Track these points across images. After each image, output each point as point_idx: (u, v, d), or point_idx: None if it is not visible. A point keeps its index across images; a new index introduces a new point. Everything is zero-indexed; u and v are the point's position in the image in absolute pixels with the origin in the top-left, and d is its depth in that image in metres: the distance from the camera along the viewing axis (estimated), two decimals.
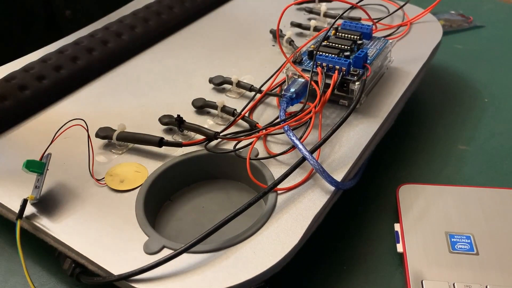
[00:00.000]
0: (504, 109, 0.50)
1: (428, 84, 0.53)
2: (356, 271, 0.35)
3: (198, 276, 0.29)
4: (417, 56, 0.46)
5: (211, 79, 0.44)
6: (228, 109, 0.39)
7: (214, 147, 0.37)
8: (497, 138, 0.47)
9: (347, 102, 0.40)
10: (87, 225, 0.32)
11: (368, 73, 0.39)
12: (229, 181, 0.38)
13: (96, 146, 0.37)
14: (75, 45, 0.46)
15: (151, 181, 0.34)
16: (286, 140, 0.37)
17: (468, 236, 0.35)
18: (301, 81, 0.39)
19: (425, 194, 0.39)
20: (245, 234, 0.31)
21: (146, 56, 0.48)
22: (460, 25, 0.64)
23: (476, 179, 0.42)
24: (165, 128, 0.39)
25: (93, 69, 0.45)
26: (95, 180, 0.35)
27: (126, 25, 0.49)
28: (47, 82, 0.42)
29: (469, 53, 0.59)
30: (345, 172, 0.35)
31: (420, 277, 0.33)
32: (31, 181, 0.33)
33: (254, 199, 0.31)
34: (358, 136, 0.38)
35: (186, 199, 0.36)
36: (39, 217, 0.32)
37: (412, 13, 0.52)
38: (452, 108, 0.50)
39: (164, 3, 0.53)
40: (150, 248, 0.30)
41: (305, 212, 0.32)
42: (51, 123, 0.40)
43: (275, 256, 0.29)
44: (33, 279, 0.34)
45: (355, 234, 0.38)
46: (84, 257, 0.30)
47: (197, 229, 0.34)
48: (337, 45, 0.41)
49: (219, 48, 0.49)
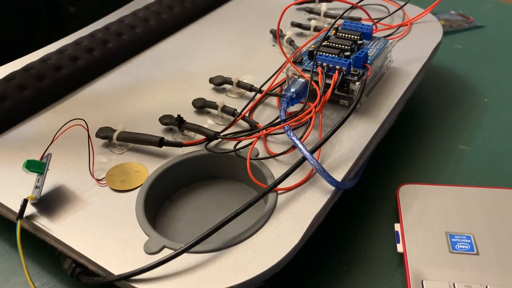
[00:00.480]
0: (504, 109, 0.50)
1: (428, 84, 0.53)
2: (356, 271, 0.35)
3: (198, 276, 0.29)
4: (417, 56, 0.46)
5: (211, 79, 0.44)
6: (228, 109, 0.39)
7: (214, 147, 0.37)
8: (497, 138, 0.47)
9: (347, 102, 0.40)
10: (87, 225, 0.32)
11: (368, 73, 0.39)
12: (229, 181, 0.38)
13: (96, 146, 0.37)
14: (75, 45, 0.46)
15: (151, 181, 0.34)
16: (286, 140, 0.37)
17: (468, 236, 0.35)
18: (301, 81, 0.39)
19: (425, 194, 0.39)
20: (245, 234, 0.31)
21: (146, 56, 0.48)
22: (460, 25, 0.64)
23: (476, 179, 0.42)
24: (165, 128, 0.39)
25: (93, 69, 0.45)
26: (95, 180, 0.35)
27: (126, 25, 0.49)
28: (47, 82, 0.42)
29: (469, 53, 0.59)
30: (345, 172, 0.35)
31: (420, 277, 0.33)
32: (31, 181, 0.33)
33: (254, 199, 0.31)
34: (358, 136, 0.38)
35: (186, 199, 0.36)
36: (39, 217, 0.32)
37: (412, 13, 0.52)
38: (452, 108, 0.50)
39: (164, 3, 0.53)
40: (150, 248, 0.30)
41: (305, 212, 0.32)
42: (51, 123, 0.40)
43: (275, 256, 0.29)
44: (33, 279, 0.35)
45: (355, 234, 0.38)
46: (84, 257, 0.30)
47: (197, 229, 0.34)
48: (337, 45, 0.41)
49: (220, 48, 0.49)
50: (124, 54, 0.48)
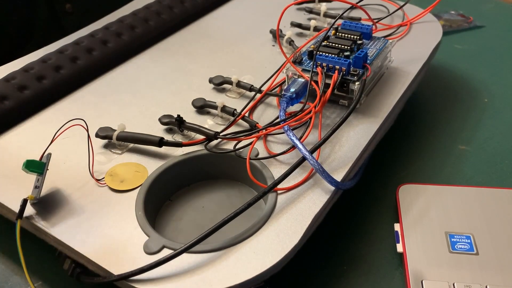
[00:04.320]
0: (504, 109, 0.50)
1: (428, 84, 0.53)
2: (356, 271, 0.35)
3: (198, 276, 0.29)
4: (417, 56, 0.46)
5: (211, 79, 0.44)
6: (228, 109, 0.39)
7: (214, 147, 0.37)
8: (497, 138, 0.47)
9: (347, 102, 0.40)
10: (87, 225, 0.32)
11: (368, 73, 0.39)
12: (229, 181, 0.38)
13: (96, 146, 0.37)
14: (75, 45, 0.46)
15: (151, 181, 0.34)
16: (286, 140, 0.37)
17: (468, 236, 0.35)
18: (301, 81, 0.39)
19: (425, 194, 0.39)
20: (245, 234, 0.31)
21: (146, 56, 0.48)
22: (460, 25, 0.64)
23: (476, 179, 0.42)
24: (165, 128, 0.39)
25: (93, 69, 0.45)
26: (95, 180, 0.35)
27: (126, 25, 0.49)
28: (47, 82, 0.42)
29: (469, 53, 0.59)
30: (345, 172, 0.35)
31: (420, 277, 0.33)
32: (31, 181, 0.33)
33: (254, 199, 0.31)
34: (358, 136, 0.38)
35: (186, 199, 0.36)
36: (39, 217, 0.32)
37: (412, 13, 0.52)
38: (452, 108, 0.50)
39: (164, 3, 0.53)
40: (150, 248, 0.30)
41: (305, 212, 0.32)
42: (51, 123, 0.40)
43: (275, 256, 0.29)
44: (33, 279, 0.35)
45: (355, 234, 0.38)
46: (84, 257, 0.30)
47: (197, 229, 0.34)
48: (337, 45, 0.41)
49: (219, 48, 0.49)
50: (124, 54, 0.48)
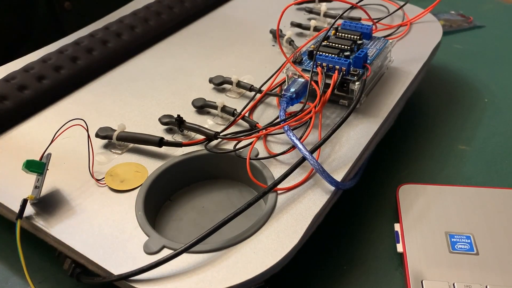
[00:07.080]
0: (504, 109, 0.50)
1: (428, 84, 0.53)
2: (356, 271, 0.35)
3: (198, 276, 0.29)
4: (417, 56, 0.46)
5: (211, 79, 0.44)
6: (228, 109, 0.39)
7: (214, 147, 0.37)
8: (497, 138, 0.47)
9: (347, 102, 0.40)
10: (87, 225, 0.32)
11: (368, 73, 0.39)
12: (229, 181, 0.38)
13: (96, 146, 0.37)
14: (75, 45, 0.46)
15: (151, 181, 0.34)
16: (286, 140, 0.37)
17: (468, 236, 0.35)
18: (301, 81, 0.39)
19: (425, 194, 0.39)
20: (245, 234, 0.31)
21: (146, 56, 0.48)
22: (460, 25, 0.64)
23: (476, 179, 0.42)
24: (165, 128, 0.39)
25: (93, 69, 0.45)
26: (95, 180, 0.35)
27: (126, 25, 0.49)
28: (47, 82, 0.42)
29: (469, 53, 0.59)
30: (345, 172, 0.35)
31: (420, 277, 0.33)
32: (31, 181, 0.33)
33: (254, 199, 0.31)
34: (358, 136, 0.38)
35: (186, 199, 0.36)
36: (39, 217, 0.32)
37: (412, 13, 0.52)
38: (452, 108, 0.50)
39: (164, 3, 0.53)
40: (150, 248, 0.30)
41: (305, 212, 0.32)
42: (51, 123, 0.40)
43: (275, 256, 0.29)
44: (33, 279, 0.34)
45: (355, 234, 0.38)
46: (84, 257, 0.30)
47: (197, 229, 0.34)
48: (337, 45, 0.41)
49: (219, 48, 0.49)
50: (124, 54, 0.48)
